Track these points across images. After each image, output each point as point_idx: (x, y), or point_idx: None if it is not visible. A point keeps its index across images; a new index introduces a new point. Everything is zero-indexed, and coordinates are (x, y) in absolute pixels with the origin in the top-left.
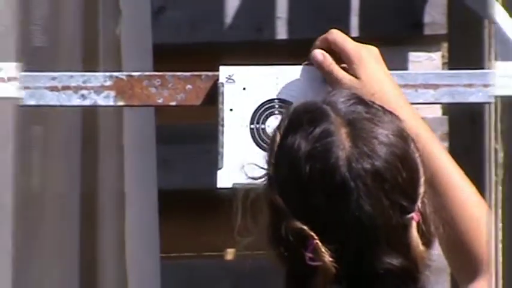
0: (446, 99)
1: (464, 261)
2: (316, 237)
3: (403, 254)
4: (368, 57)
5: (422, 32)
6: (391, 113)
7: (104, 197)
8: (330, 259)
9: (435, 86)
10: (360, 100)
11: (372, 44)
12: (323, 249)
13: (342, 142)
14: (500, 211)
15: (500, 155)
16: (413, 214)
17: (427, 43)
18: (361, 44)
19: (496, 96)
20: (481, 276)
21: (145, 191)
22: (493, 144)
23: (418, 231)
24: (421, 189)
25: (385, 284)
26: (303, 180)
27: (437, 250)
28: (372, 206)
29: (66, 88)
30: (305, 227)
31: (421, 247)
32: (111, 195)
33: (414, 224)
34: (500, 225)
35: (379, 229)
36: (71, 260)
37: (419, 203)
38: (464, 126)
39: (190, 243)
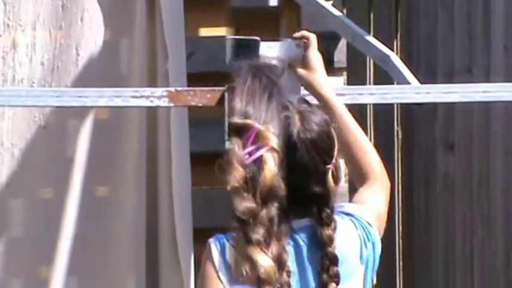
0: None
1: (358, 172)
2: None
3: (322, 186)
4: (320, 62)
5: (334, 65)
6: (321, 109)
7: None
8: (282, 186)
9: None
10: (305, 101)
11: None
12: (280, 180)
13: (295, 122)
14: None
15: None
16: (330, 165)
17: (337, 72)
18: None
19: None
20: (368, 180)
21: (184, 167)
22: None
23: (332, 175)
24: (335, 152)
25: (312, 200)
26: None
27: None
28: (308, 158)
29: (143, 96)
30: None
31: (332, 184)
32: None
33: (330, 171)
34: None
35: (311, 171)
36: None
37: (334, 160)
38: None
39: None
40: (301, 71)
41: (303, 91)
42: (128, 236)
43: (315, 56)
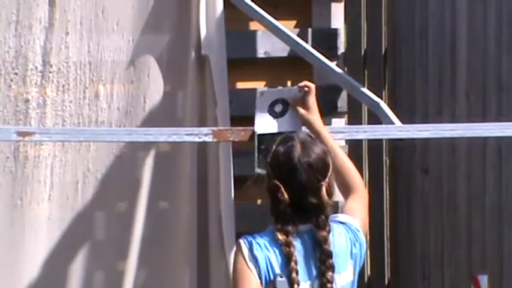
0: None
1: (344, 186)
2: (282, 187)
3: (317, 198)
4: (316, 106)
5: (337, 110)
6: (320, 142)
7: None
8: (287, 196)
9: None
10: (308, 135)
11: None
12: (284, 192)
13: (297, 149)
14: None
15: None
16: (323, 182)
17: (340, 115)
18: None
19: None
20: (351, 192)
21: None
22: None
23: (326, 190)
24: (329, 173)
25: (310, 209)
26: (280, 163)
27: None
28: (306, 177)
29: (193, 134)
30: (278, 182)
31: (326, 197)
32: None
33: (324, 187)
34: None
35: (308, 187)
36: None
37: (327, 179)
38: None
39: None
40: (302, 110)
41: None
42: (183, 239)
43: (313, 101)
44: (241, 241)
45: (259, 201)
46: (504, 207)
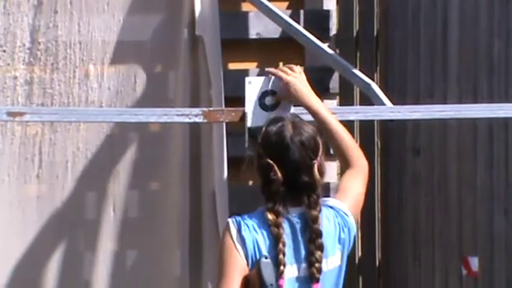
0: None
1: (344, 159)
2: (275, 166)
3: (310, 176)
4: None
5: (329, 91)
6: (319, 120)
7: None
8: (280, 175)
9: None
10: (296, 116)
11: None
12: (278, 171)
13: (289, 129)
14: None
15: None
16: (315, 161)
17: (332, 97)
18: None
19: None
20: (350, 165)
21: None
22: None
23: (318, 169)
24: (320, 152)
25: (302, 188)
26: (272, 143)
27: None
28: (299, 155)
29: (184, 115)
30: (271, 161)
31: (318, 176)
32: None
33: (316, 166)
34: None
35: (300, 165)
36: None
37: (318, 158)
38: None
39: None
40: (291, 98)
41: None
42: (174, 220)
43: (292, 84)
44: (230, 221)
45: (250, 183)
46: (495, 188)
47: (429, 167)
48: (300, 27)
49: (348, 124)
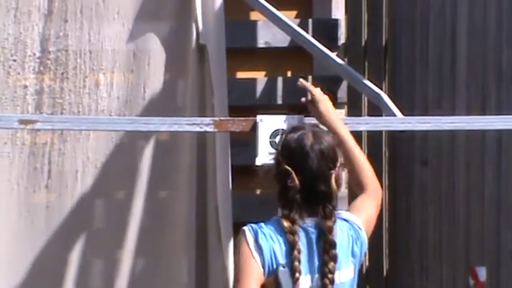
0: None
1: (357, 182)
2: (293, 173)
3: (327, 186)
4: (325, 105)
5: (337, 101)
6: (328, 132)
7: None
8: (297, 183)
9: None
10: (316, 125)
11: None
12: (295, 178)
13: (309, 137)
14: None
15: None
16: (333, 171)
17: (340, 106)
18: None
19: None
20: (364, 189)
21: (226, 176)
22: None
23: (335, 180)
24: (338, 163)
25: (319, 197)
26: (291, 150)
27: (342, 190)
28: (318, 164)
29: (194, 124)
30: (289, 168)
31: (335, 186)
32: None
33: (333, 176)
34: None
35: (319, 174)
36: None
37: (337, 168)
38: None
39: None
40: (318, 114)
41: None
42: (181, 228)
43: (319, 104)
44: (246, 229)
45: (258, 191)
46: (503, 199)
47: (437, 177)
48: (309, 36)
49: (356, 134)
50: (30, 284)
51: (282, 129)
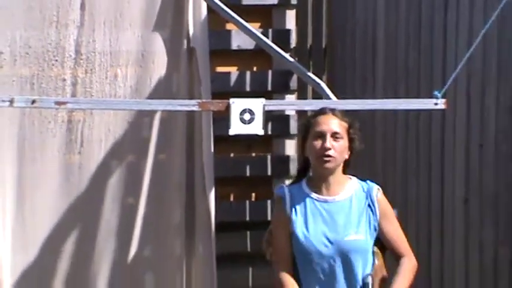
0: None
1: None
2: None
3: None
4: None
5: (290, 88)
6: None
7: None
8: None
9: None
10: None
11: None
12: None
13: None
14: None
15: None
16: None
17: (291, 92)
18: None
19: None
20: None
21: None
22: None
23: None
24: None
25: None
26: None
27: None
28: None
29: (184, 105)
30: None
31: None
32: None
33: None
34: None
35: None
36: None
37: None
38: None
39: None
40: None
41: None
42: (176, 181)
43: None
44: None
45: (232, 154)
46: (409, 162)
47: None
48: (269, 41)
49: (304, 113)
50: (66, 224)
51: (249, 109)
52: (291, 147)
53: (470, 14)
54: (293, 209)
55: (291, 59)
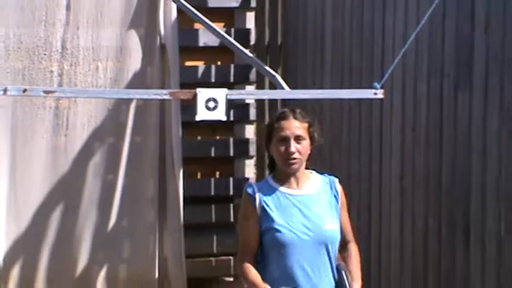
0: (256, 97)
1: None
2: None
3: None
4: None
5: (250, 80)
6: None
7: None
8: None
9: None
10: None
11: None
12: None
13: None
14: None
15: None
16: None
17: (250, 83)
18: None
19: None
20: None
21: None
22: None
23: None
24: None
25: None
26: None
27: None
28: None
29: (157, 94)
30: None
31: None
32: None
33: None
34: None
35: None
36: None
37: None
38: None
39: None
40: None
41: None
42: (149, 160)
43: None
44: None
45: (199, 137)
46: (352, 143)
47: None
48: (232, 39)
49: (262, 101)
50: (54, 197)
51: (213, 98)
52: (250, 131)
53: (405, 16)
54: (265, 205)
55: (251, 55)
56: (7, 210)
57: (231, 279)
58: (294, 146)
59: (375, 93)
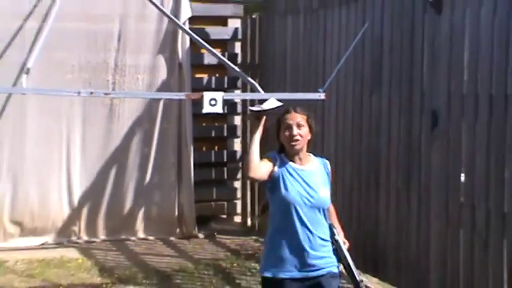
0: (240, 98)
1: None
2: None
3: None
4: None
5: (237, 87)
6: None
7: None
8: None
9: None
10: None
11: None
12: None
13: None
14: None
15: None
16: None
17: (236, 89)
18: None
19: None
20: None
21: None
22: None
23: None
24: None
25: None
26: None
27: None
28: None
29: (178, 95)
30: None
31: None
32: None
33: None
34: None
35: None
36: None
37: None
38: None
39: None
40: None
41: None
42: (171, 141)
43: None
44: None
45: (204, 124)
46: (325, 134)
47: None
48: (226, 60)
49: (244, 100)
50: (109, 166)
51: (214, 98)
52: (238, 120)
53: (338, 45)
54: (279, 167)
55: (238, 70)
56: (80, 172)
57: (225, 216)
58: (296, 130)
59: (320, 96)
